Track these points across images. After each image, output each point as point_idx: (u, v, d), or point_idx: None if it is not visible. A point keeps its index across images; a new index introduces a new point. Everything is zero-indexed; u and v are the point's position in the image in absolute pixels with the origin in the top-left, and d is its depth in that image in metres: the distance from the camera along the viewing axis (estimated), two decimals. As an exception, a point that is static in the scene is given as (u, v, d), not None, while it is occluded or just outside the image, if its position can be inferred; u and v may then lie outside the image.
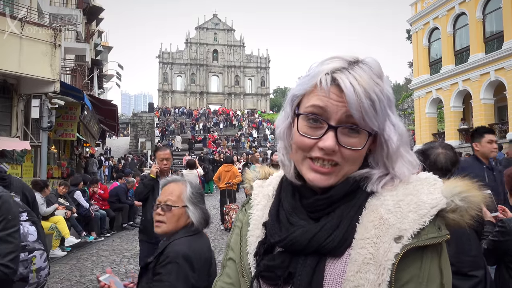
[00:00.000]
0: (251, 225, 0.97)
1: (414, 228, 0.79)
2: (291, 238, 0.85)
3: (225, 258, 1.03)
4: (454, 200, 0.81)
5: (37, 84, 10.90)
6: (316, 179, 0.85)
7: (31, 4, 12.54)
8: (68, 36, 18.07)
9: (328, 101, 0.83)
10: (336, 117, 0.83)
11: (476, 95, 20.91)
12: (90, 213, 10.07)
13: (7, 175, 3.17)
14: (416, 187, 0.85)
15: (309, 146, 0.86)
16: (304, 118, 0.87)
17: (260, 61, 68.85)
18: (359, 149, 0.84)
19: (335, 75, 0.83)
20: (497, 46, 20.02)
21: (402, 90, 63.43)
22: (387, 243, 0.79)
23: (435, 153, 2.49)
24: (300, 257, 0.84)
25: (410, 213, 0.81)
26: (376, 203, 0.85)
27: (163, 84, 65.51)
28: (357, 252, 0.81)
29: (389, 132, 0.87)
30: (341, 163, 0.85)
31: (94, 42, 29.28)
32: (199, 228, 2.16)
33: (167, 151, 4.85)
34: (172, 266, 1.93)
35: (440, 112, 27.34)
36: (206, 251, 2.11)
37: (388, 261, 0.78)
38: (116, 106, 19.96)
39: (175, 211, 2.12)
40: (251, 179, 1.09)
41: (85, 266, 7.31)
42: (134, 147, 39.00)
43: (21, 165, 10.67)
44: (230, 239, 1.05)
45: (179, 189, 2.18)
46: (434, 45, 24.72)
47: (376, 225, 0.82)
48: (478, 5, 20.88)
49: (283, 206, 0.91)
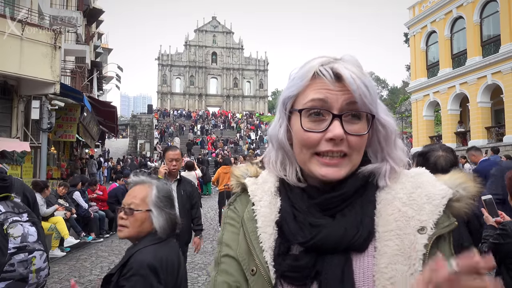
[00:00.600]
0: (259, 221, 0.93)
1: (433, 219, 0.84)
2: (319, 238, 0.84)
3: (219, 255, 0.99)
4: (459, 190, 0.87)
5: (37, 85, 10.94)
6: (328, 173, 0.86)
7: (32, 6, 12.58)
8: (68, 38, 18.11)
9: (327, 92, 0.86)
10: (337, 106, 0.85)
11: (473, 98, 21.00)
12: (89, 214, 10.11)
13: (8, 176, 3.16)
14: (419, 179, 0.90)
15: (316, 140, 0.87)
16: (305, 114, 0.88)
17: (258, 63, 68.95)
18: (364, 134, 0.87)
19: (331, 65, 0.86)
20: (494, 50, 20.13)
21: (400, 93, 63.55)
22: (411, 234, 0.83)
23: (436, 155, 2.50)
24: (326, 255, 0.84)
25: (425, 204, 0.85)
26: (388, 197, 0.89)
27: (162, 86, 65.54)
28: (385, 245, 0.83)
29: (384, 116, 0.90)
30: (349, 153, 0.86)
31: (94, 44, 29.30)
32: (165, 235, 2.00)
33: (177, 151, 4.59)
34: (136, 279, 1.80)
35: (437, 115, 27.43)
36: (174, 259, 1.98)
37: (418, 251, 0.81)
38: (115, 107, 20.00)
39: (137, 215, 1.97)
40: (240, 176, 1.05)
41: (84, 267, 7.31)
42: (133, 148, 38.96)
43: (21, 166, 10.70)
44: (222, 236, 1.01)
45: (144, 192, 2.03)
46: (431, 49, 24.84)
47: (396, 217, 0.85)
48: (475, 9, 21.00)
49: (296, 206, 0.90)
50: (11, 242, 2.65)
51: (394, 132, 0.92)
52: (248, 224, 0.95)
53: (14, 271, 2.62)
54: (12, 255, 2.64)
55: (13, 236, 2.68)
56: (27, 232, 2.76)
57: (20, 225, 2.76)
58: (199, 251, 4.92)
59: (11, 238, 2.67)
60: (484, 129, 20.61)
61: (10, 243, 2.65)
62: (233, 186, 1.06)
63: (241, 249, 0.94)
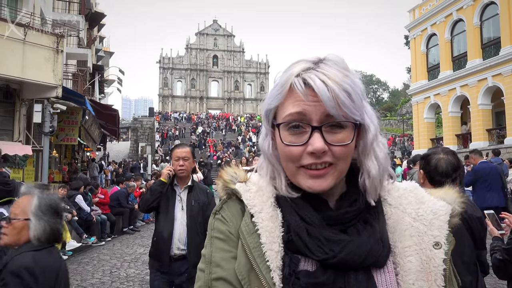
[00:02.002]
0: (263, 237, 0.84)
1: (444, 234, 0.84)
2: (345, 253, 0.80)
3: (210, 277, 0.87)
4: (455, 206, 0.89)
5: (40, 89, 10.97)
6: (315, 185, 0.83)
7: (34, 10, 12.65)
8: (70, 42, 18.19)
9: (305, 104, 0.81)
10: (316, 118, 0.81)
11: (474, 100, 21.01)
12: (92, 217, 10.13)
13: (11, 180, 3.21)
14: (418, 195, 0.90)
15: (298, 154, 0.83)
16: (285, 128, 0.84)
17: (259, 66, 69.11)
18: (348, 143, 0.82)
19: (304, 76, 0.81)
20: (495, 52, 20.16)
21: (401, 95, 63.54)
22: (427, 249, 0.83)
23: (436, 158, 2.50)
24: (349, 272, 0.80)
25: (433, 220, 0.86)
26: (398, 212, 0.88)
27: (163, 89, 65.70)
28: (408, 261, 0.82)
29: (367, 122, 0.86)
30: (334, 162, 0.82)
31: (96, 47, 29.41)
32: (45, 243, 2.08)
33: (187, 149, 3.67)
34: (14, 282, 1.87)
35: (438, 117, 27.43)
36: (52, 264, 2.04)
37: (438, 267, 0.81)
38: (117, 111, 20.03)
39: (15, 224, 2.06)
40: (229, 181, 0.96)
41: (86, 270, 7.33)
42: (134, 151, 39.01)
43: (23, 170, 10.72)
44: (210, 254, 0.89)
45: (24, 202, 2.11)
46: (432, 51, 24.88)
47: (411, 233, 0.85)
48: (475, 11, 21.04)
49: (306, 220, 0.84)
50: None
51: (374, 139, 0.87)
52: (249, 239, 0.86)
53: None
54: None
55: None
56: None
57: None
58: None
59: None
60: (485, 131, 20.61)
61: None
62: (220, 191, 0.97)
63: (240, 266, 0.85)
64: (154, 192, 3.60)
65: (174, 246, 3.50)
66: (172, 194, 3.62)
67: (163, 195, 3.60)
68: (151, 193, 3.63)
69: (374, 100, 71.86)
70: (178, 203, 3.60)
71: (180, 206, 3.59)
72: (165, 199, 3.60)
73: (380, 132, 0.93)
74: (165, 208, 3.59)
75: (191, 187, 3.66)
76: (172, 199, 3.60)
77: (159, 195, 3.58)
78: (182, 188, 3.64)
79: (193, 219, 3.52)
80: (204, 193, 3.71)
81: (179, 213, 3.56)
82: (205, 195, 3.69)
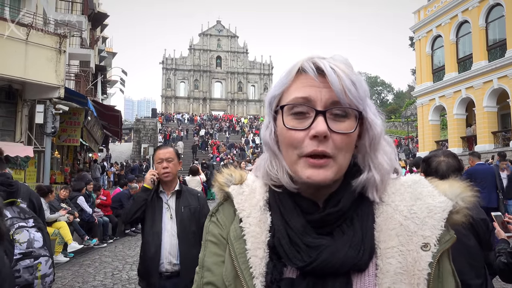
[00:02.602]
0: (249, 243, 0.84)
1: (436, 234, 0.79)
2: (321, 260, 0.77)
3: (201, 282, 0.89)
4: (458, 202, 0.82)
5: (42, 89, 10.98)
6: (313, 175, 0.79)
7: (37, 11, 12.64)
8: (73, 42, 18.20)
9: (311, 89, 0.81)
10: (321, 103, 0.80)
11: (479, 102, 20.91)
12: (93, 219, 10.08)
13: (15, 181, 3.18)
14: (417, 190, 0.85)
15: (300, 139, 0.81)
16: (288, 112, 0.83)
17: (263, 67, 69.14)
18: (350, 132, 0.81)
19: (314, 60, 0.82)
20: (500, 54, 20.07)
21: (405, 97, 63.44)
22: (414, 251, 0.78)
23: (437, 161, 2.53)
24: (326, 278, 0.78)
25: (426, 218, 0.80)
26: (388, 209, 0.83)
27: (166, 90, 65.80)
28: (387, 262, 0.78)
29: (372, 117, 0.85)
30: (334, 154, 0.80)
31: (99, 48, 29.45)
32: None
33: (170, 149, 3.26)
34: None
35: (443, 120, 27.35)
36: None
37: (423, 270, 0.76)
38: (119, 112, 20.05)
39: None
40: (224, 184, 0.96)
41: (87, 272, 7.31)
42: (136, 152, 39.08)
43: (25, 170, 10.71)
44: (203, 258, 0.91)
45: None
46: (437, 53, 24.80)
47: (398, 232, 0.80)
48: (481, 13, 20.96)
49: (290, 225, 0.83)
50: (17, 248, 2.67)
51: (380, 135, 0.85)
52: (235, 244, 0.86)
53: (19, 277, 2.66)
54: (18, 261, 2.67)
55: (19, 242, 2.70)
56: (33, 237, 2.77)
57: (26, 231, 2.78)
58: None
59: (17, 243, 2.69)
60: (491, 133, 20.51)
61: (16, 248, 2.67)
62: (216, 194, 0.97)
63: (227, 273, 0.85)
64: (138, 201, 3.15)
65: (165, 261, 3.03)
66: (158, 202, 3.18)
67: (148, 203, 3.15)
68: (134, 202, 3.19)
69: (379, 102, 71.85)
70: (166, 212, 3.13)
71: (169, 214, 3.12)
72: (150, 208, 3.16)
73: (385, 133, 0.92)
74: (151, 219, 3.14)
75: (179, 192, 3.22)
76: (159, 207, 3.15)
77: (144, 204, 3.13)
78: (169, 194, 3.19)
79: (185, 228, 3.07)
80: (195, 197, 3.26)
81: (168, 223, 3.10)
82: (196, 199, 3.25)
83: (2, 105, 10.94)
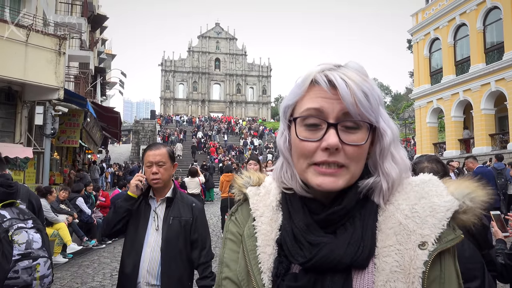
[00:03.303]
0: (259, 240, 0.90)
1: (435, 233, 0.79)
2: (320, 257, 0.80)
3: (220, 277, 0.95)
4: (465, 202, 0.81)
5: (41, 91, 10.99)
6: (324, 183, 0.82)
7: (37, 12, 12.67)
8: (73, 44, 18.20)
9: (323, 100, 0.83)
10: (333, 115, 0.82)
11: (476, 105, 20.97)
12: (92, 220, 10.10)
13: (14, 183, 3.16)
14: (424, 189, 0.85)
15: (312, 150, 0.83)
16: (301, 123, 0.85)
17: (261, 69, 69.23)
18: (362, 144, 0.83)
19: (326, 73, 0.84)
20: (498, 57, 20.13)
21: (403, 100, 63.53)
22: (411, 250, 0.79)
23: (420, 167, 2.51)
24: (326, 274, 0.81)
25: (428, 217, 0.81)
26: (390, 208, 0.85)
27: (165, 92, 65.84)
28: (383, 261, 0.80)
29: (383, 126, 0.86)
30: (346, 164, 0.82)
31: (98, 50, 29.47)
32: None
33: (162, 150, 2.69)
34: None
35: (441, 122, 27.40)
36: None
37: (418, 269, 0.77)
38: (118, 113, 20.06)
39: None
40: (242, 185, 1.02)
41: (86, 273, 7.32)
42: (135, 154, 39.05)
43: (24, 172, 10.72)
44: (223, 255, 0.97)
45: None
46: (434, 55, 24.86)
47: (396, 231, 0.81)
48: (478, 16, 21.03)
49: (295, 223, 0.86)
50: (15, 249, 2.65)
51: (392, 143, 0.87)
52: (248, 241, 0.92)
53: (18, 278, 2.62)
54: (16, 262, 2.64)
55: (18, 243, 2.68)
56: (31, 238, 2.75)
57: (25, 232, 2.75)
58: None
59: (15, 244, 2.67)
60: (488, 136, 20.56)
61: (15, 249, 2.65)
62: (236, 195, 1.03)
63: (240, 268, 0.91)
64: (119, 211, 2.65)
65: (141, 281, 2.55)
66: (146, 209, 2.69)
67: (133, 212, 2.68)
68: (115, 212, 2.68)
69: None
70: (152, 222, 2.65)
71: (154, 225, 2.63)
72: (135, 217, 2.68)
73: None
74: (133, 228, 2.67)
75: (170, 200, 2.70)
76: (145, 215, 2.67)
77: (126, 214, 2.65)
78: (158, 201, 2.71)
79: (170, 243, 2.58)
80: (188, 207, 2.72)
81: (152, 236, 2.62)
82: (189, 210, 2.71)
83: (1, 107, 10.94)
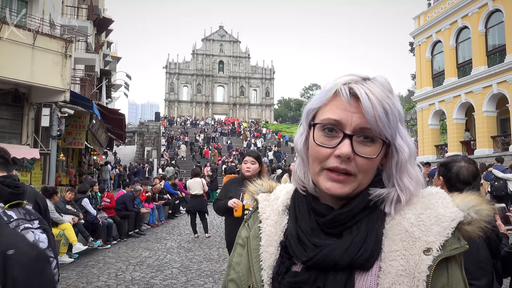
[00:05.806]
0: (263, 240, 0.96)
1: (440, 240, 0.82)
2: (322, 255, 0.84)
3: (227, 279, 1.01)
4: (470, 213, 0.85)
5: (48, 93, 11.10)
6: (332, 187, 0.86)
7: (44, 16, 12.82)
8: (79, 47, 18.33)
9: (343, 113, 0.87)
10: (350, 127, 0.86)
11: (478, 107, 20.98)
12: (98, 221, 10.22)
13: (21, 183, 3.14)
14: (431, 200, 0.88)
15: (326, 155, 0.88)
16: (320, 128, 0.89)
17: (265, 72, 69.42)
18: (373, 157, 0.86)
19: (351, 85, 0.87)
20: (500, 60, 20.14)
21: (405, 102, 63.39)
22: (416, 255, 0.82)
23: (458, 166, 2.55)
24: (329, 272, 0.84)
25: (433, 225, 0.84)
26: (397, 217, 0.88)
27: (169, 94, 66.12)
28: (389, 265, 0.83)
29: (400, 142, 0.89)
30: (355, 173, 0.86)
31: (103, 52, 29.68)
32: None
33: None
34: None
35: (443, 124, 27.37)
36: None
37: (422, 273, 0.80)
38: (123, 115, 20.22)
39: None
40: (254, 192, 1.08)
41: (91, 273, 7.36)
42: (140, 155, 39.19)
43: (30, 173, 10.85)
44: (231, 259, 1.03)
45: None
46: (437, 58, 24.88)
47: (402, 238, 0.84)
48: (480, 19, 21.06)
49: (301, 227, 0.91)
50: None
51: (408, 159, 0.90)
52: (252, 241, 0.98)
53: None
54: None
55: None
56: (38, 239, 2.76)
57: (31, 232, 2.77)
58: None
59: None
60: (490, 138, 20.56)
61: None
62: (249, 201, 1.09)
63: (242, 266, 0.97)
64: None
65: None
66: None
67: None
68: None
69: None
70: None
71: None
72: None
73: None
74: None
75: None
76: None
77: None
78: None
79: None
80: None
81: None
82: None
83: (9, 108, 11.11)
